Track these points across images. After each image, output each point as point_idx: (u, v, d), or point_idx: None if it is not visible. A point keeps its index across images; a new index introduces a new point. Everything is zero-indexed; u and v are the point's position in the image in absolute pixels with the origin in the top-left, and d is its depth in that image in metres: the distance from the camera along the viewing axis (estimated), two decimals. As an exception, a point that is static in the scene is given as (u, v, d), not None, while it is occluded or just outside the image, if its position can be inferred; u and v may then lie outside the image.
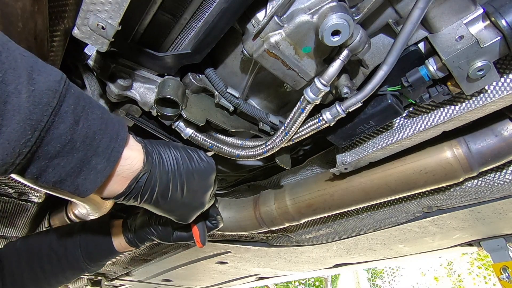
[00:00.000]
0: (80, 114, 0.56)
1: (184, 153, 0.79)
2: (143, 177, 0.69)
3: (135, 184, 0.68)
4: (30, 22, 0.61)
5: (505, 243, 1.48)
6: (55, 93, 0.51)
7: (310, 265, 2.23)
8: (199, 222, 0.97)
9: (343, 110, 0.79)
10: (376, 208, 1.34)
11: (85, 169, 0.59)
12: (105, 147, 0.60)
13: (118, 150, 0.63)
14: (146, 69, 0.82)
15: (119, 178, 0.66)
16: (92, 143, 0.58)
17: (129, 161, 0.66)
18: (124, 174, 0.66)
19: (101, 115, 0.61)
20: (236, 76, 0.91)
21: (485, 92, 0.75)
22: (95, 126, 0.58)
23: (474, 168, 0.90)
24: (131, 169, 0.67)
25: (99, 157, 0.60)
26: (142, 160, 0.68)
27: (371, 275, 9.35)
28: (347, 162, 1.00)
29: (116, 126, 0.63)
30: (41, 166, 0.54)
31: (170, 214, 0.81)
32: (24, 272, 1.03)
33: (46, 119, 0.50)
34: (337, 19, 0.59)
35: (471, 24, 0.66)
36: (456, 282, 8.54)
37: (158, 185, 0.72)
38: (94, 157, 0.59)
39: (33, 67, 0.49)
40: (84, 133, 0.56)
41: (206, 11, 0.70)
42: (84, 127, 0.56)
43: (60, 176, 0.57)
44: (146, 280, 2.69)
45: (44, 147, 0.52)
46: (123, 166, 0.65)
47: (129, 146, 0.67)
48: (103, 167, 0.61)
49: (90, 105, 0.59)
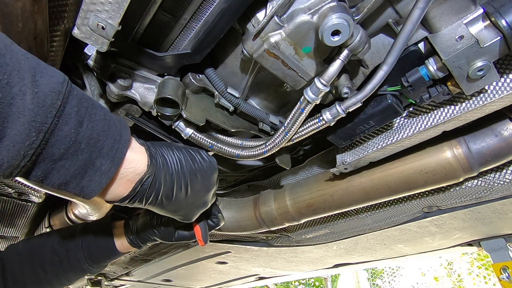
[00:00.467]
0: (83, 116, 0.56)
1: (187, 154, 0.80)
2: (147, 180, 0.69)
3: (140, 187, 0.68)
4: (30, 22, 0.61)
5: (505, 243, 1.48)
6: (58, 95, 0.51)
7: (310, 265, 2.23)
8: (200, 221, 0.98)
9: (343, 110, 0.79)
10: (376, 208, 1.34)
11: (89, 171, 0.59)
12: (109, 148, 0.60)
13: (122, 151, 0.63)
14: (146, 69, 0.82)
15: (123, 181, 0.66)
16: (96, 144, 0.58)
17: (133, 164, 0.66)
18: (128, 177, 0.66)
19: (104, 116, 0.61)
20: (236, 76, 0.91)
21: (485, 92, 0.75)
22: (99, 127, 0.58)
23: (474, 168, 0.90)
24: (135, 172, 0.67)
25: (103, 158, 0.60)
26: (146, 163, 0.68)
27: (371, 275, 9.35)
28: (347, 162, 1.00)
29: (118, 127, 0.63)
30: (46, 169, 0.54)
31: (174, 214, 0.82)
32: (26, 274, 1.03)
33: (50, 120, 0.50)
34: (337, 19, 0.59)
35: (471, 24, 0.66)
36: (456, 282, 8.54)
37: (162, 187, 0.72)
38: (99, 158, 0.59)
39: (36, 69, 0.49)
40: (88, 134, 0.56)
41: (206, 11, 0.70)
42: (88, 128, 0.56)
43: (65, 178, 0.57)
44: (146, 280, 2.69)
45: (48, 149, 0.52)
46: (128, 169, 0.65)
47: (133, 149, 0.67)
48: (107, 168, 0.61)
49: (93, 106, 0.59)
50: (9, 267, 1.03)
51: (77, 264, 1.05)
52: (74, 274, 1.08)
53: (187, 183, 0.78)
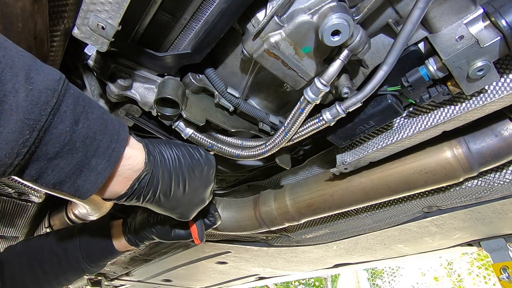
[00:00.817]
0: (79, 114, 0.55)
1: (185, 151, 0.80)
2: (145, 177, 0.68)
3: (137, 185, 0.67)
4: (30, 22, 0.61)
5: (505, 243, 1.48)
6: (53, 92, 0.50)
7: (310, 265, 2.23)
8: (197, 220, 0.98)
9: (343, 110, 0.79)
10: (376, 208, 1.34)
11: (85, 170, 0.58)
12: (105, 148, 0.59)
13: (119, 151, 0.62)
14: (146, 69, 0.82)
15: (120, 179, 0.65)
16: (92, 144, 0.57)
17: (130, 161, 0.65)
18: (125, 174, 0.65)
19: (101, 115, 0.60)
20: (236, 76, 0.91)
21: (485, 92, 0.75)
22: (95, 126, 0.57)
23: (474, 168, 0.90)
24: (132, 169, 0.65)
25: (99, 158, 0.59)
26: (144, 160, 0.68)
27: (371, 275, 9.35)
28: (347, 162, 1.00)
29: (116, 127, 0.62)
30: (40, 167, 0.53)
31: (171, 212, 0.81)
32: (25, 274, 1.03)
33: (44, 118, 0.49)
34: (337, 19, 0.59)
35: (471, 24, 0.66)
36: (456, 282, 8.55)
37: (160, 184, 0.71)
38: (95, 157, 0.58)
39: (31, 66, 0.49)
40: (84, 133, 0.56)
41: (206, 11, 0.70)
42: (84, 127, 0.55)
43: (60, 178, 0.56)
44: (146, 280, 2.69)
45: (43, 147, 0.51)
46: (124, 166, 0.64)
47: (130, 146, 0.66)
48: (103, 168, 0.60)
49: (90, 105, 0.58)
50: (8, 269, 1.03)
51: (75, 264, 1.05)
52: (73, 274, 1.08)
53: (185, 180, 0.77)
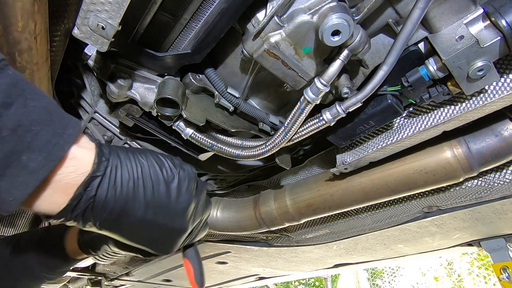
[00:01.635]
0: (14, 98, 0.44)
1: (153, 159, 0.62)
2: (93, 184, 0.52)
3: (83, 195, 0.51)
4: (30, 22, 0.61)
5: (505, 243, 1.48)
6: None
7: (310, 265, 2.23)
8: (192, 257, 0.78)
9: (343, 110, 0.79)
10: (376, 208, 1.34)
11: (12, 168, 0.44)
12: (44, 142, 0.46)
13: (62, 147, 0.48)
14: (146, 69, 0.82)
15: (61, 185, 0.49)
16: (25, 135, 0.44)
17: (74, 162, 0.50)
18: (66, 179, 0.49)
19: (46, 105, 0.48)
20: (236, 76, 0.91)
21: (485, 92, 0.75)
22: (34, 116, 0.46)
23: (474, 168, 0.90)
24: (76, 171, 0.50)
25: (33, 153, 0.45)
26: (92, 162, 0.52)
27: (371, 275, 9.35)
28: (347, 162, 1.00)
29: (66, 121, 0.50)
30: None
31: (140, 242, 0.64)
32: None
33: None
34: (337, 19, 0.59)
35: (471, 24, 0.66)
36: (456, 282, 8.55)
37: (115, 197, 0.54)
38: (27, 152, 0.45)
39: None
40: (16, 119, 0.44)
41: (206, 11, 0.71)
42: (17, 113, 0.44)
43: None
44: (146, 280, 2.69)
45: None
46: (67, 168, 0.49)
47: (79, 144, 0.52)
48: (38, 166, 0.45)
49: (34, 92, 0.47)
50: None
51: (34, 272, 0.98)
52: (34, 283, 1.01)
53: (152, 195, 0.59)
